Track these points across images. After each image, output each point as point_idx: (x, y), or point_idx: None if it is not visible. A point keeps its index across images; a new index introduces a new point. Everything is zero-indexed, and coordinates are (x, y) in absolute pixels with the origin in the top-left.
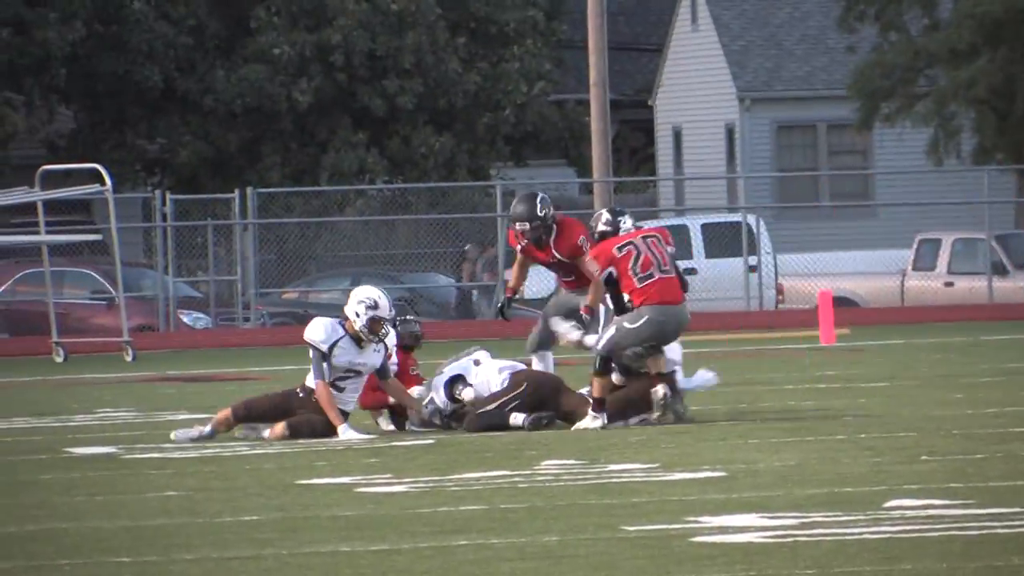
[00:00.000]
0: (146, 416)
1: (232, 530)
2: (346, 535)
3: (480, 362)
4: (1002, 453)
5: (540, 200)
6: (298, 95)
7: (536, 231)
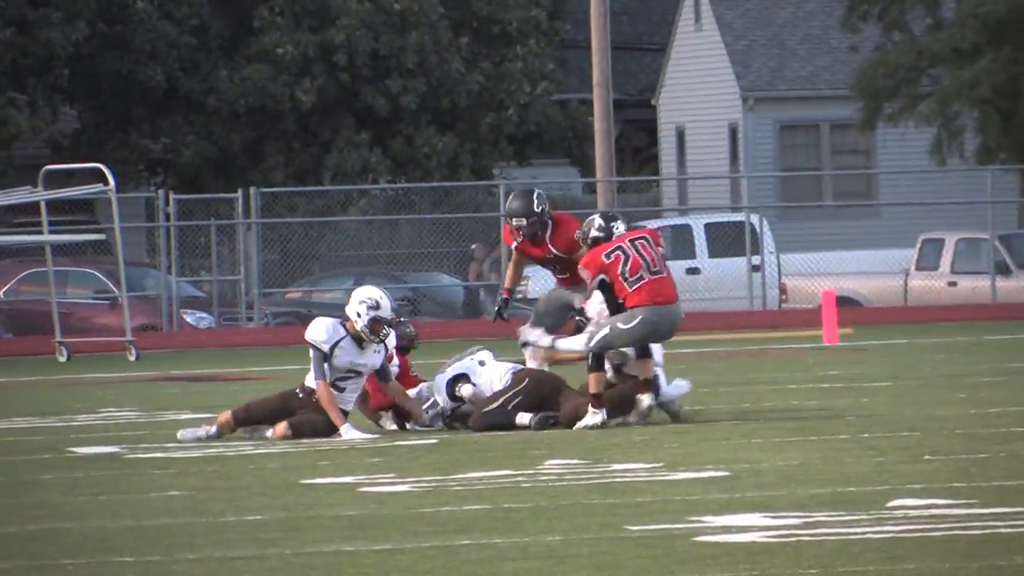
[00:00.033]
0: (149, 416)
1: (236, 530)
2: (349, 535)
3: (485, 363)
4: (1005, 453)
5: (536, 196)
6: (301, 95)
7: (533, 227)
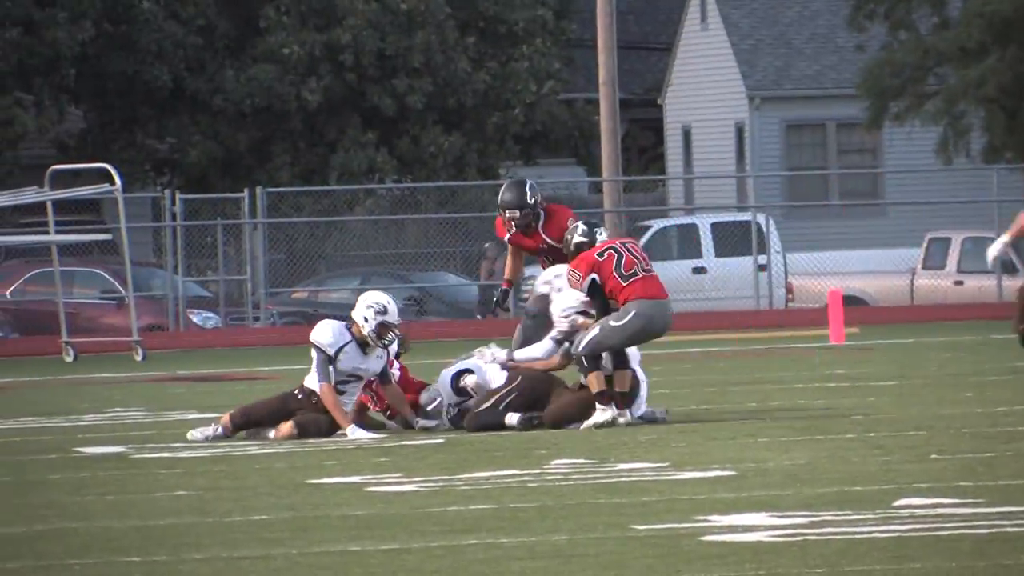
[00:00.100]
0: (156, 416)
1: (242, 529)
2: (356, 534)
3: (495, 357)
4: (1012, 452)
5: (529, 187)
6: (307, 95)
7: (526, 218)
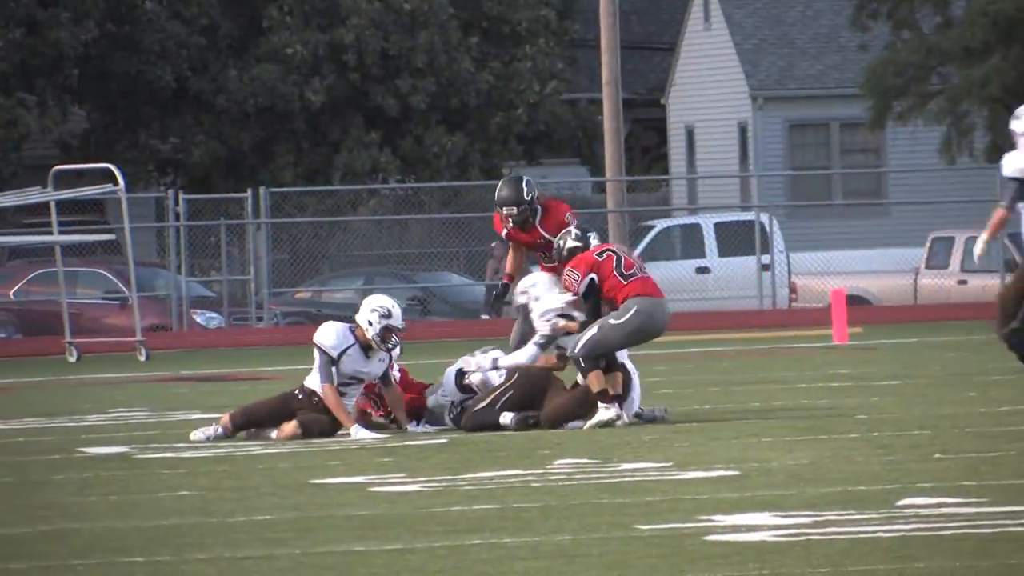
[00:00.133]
0: (159, 416)
1: (245, 530)
2: (360, 534)
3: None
4: (1016, 451)
5: (526, 183)
6: (311, 95)
7: (523, 214)
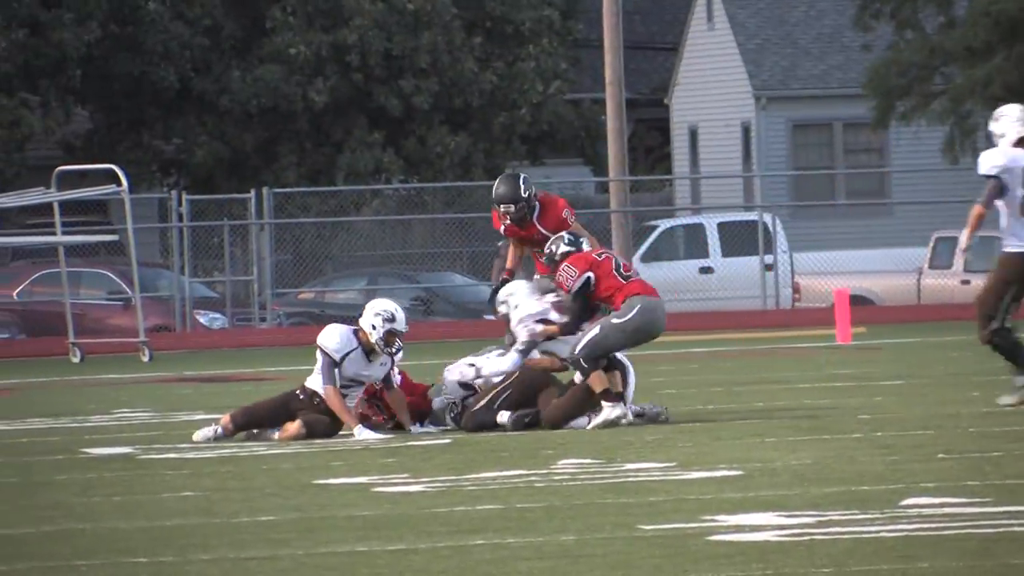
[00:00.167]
0: (163, 416)
1: (249, 530)
2: (363, 535)
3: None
4: (1019, 451)
5: (523, 181)
6: (314, 95)
7: (520, 211)
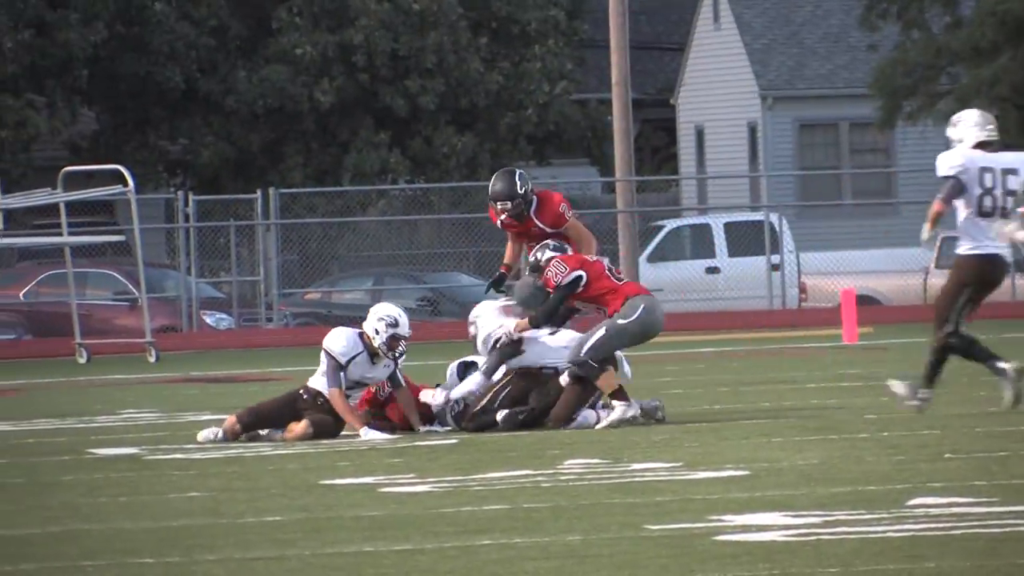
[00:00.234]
0: (169, 417)
1: (255, 531)
2: (369, 535)
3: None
4: None
5: (519, 177)
6: (320, 95)
7: (517, 207)
